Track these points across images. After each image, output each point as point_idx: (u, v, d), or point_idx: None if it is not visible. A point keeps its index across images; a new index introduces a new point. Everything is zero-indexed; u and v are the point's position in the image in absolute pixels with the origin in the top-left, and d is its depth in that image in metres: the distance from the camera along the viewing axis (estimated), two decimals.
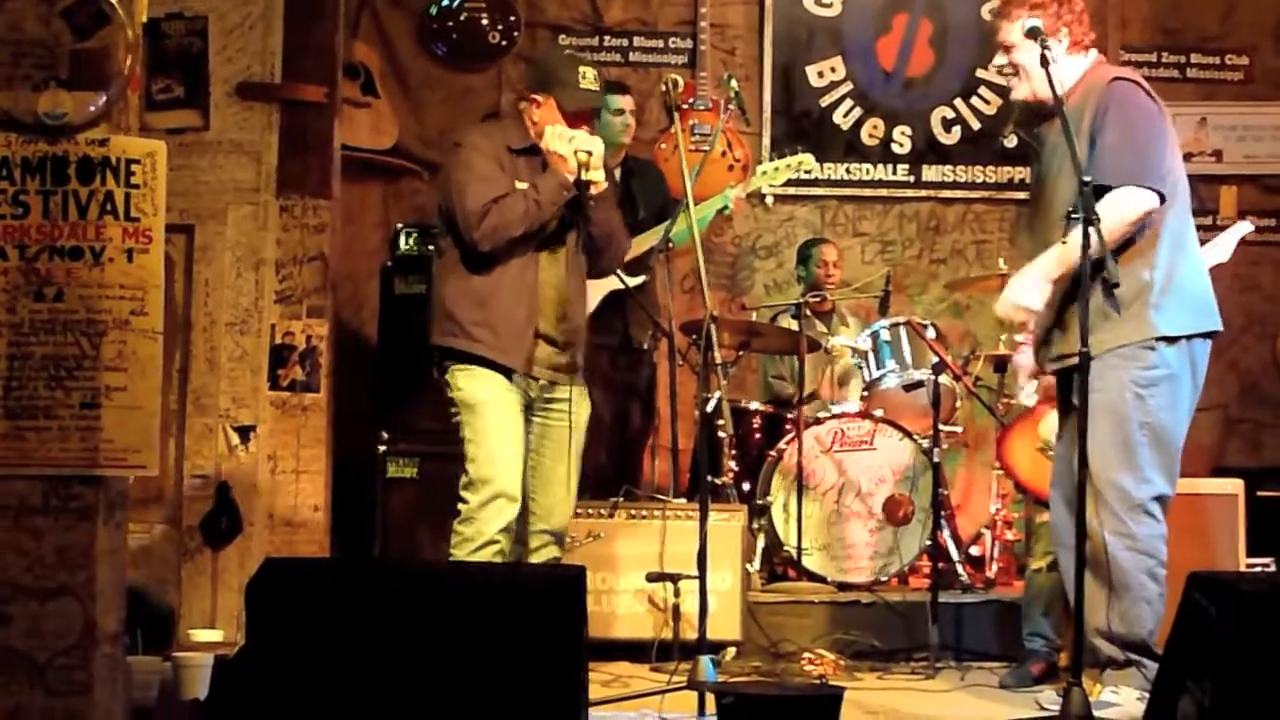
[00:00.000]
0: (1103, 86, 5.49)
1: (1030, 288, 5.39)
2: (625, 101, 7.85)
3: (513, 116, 6.19)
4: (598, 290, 7.15)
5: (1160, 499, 5.44)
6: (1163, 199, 5.36)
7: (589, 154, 5.75)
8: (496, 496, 5.74)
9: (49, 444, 4.44)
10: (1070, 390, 5.59)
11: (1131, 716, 5.19)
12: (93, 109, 4.48)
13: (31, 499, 4.44)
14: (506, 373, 5.83)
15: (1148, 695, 5.21)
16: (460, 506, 5.81)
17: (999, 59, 5.76)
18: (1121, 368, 5.36)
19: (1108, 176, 5.26)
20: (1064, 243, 5.24)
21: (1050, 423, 6.10)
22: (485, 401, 5.81)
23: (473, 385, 5.84)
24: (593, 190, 5.80)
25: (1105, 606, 5.30)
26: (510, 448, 5.82)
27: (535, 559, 5.95)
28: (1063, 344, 5.55)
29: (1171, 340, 5.43)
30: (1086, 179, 5.01)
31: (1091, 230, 4.97)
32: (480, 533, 5.73)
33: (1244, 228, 6.98)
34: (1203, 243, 5.95)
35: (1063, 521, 5.59)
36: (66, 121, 4.47)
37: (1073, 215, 5.06)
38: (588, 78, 5.93)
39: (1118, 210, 5.27)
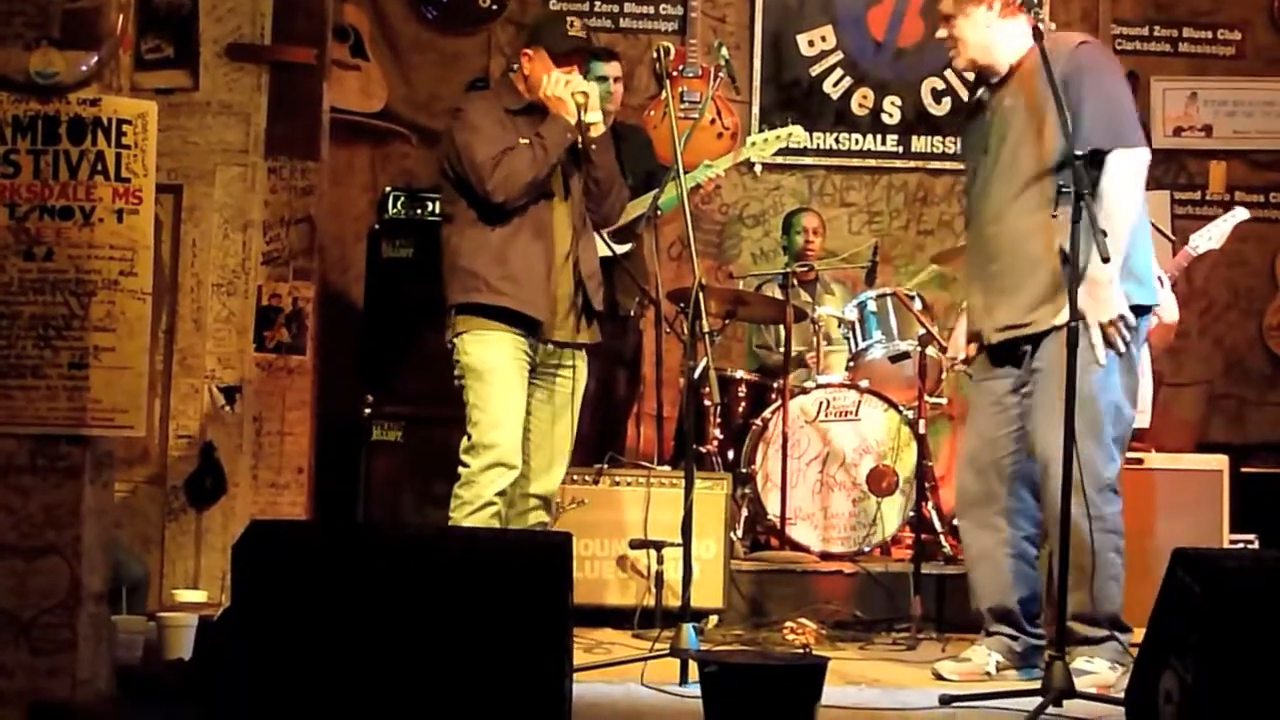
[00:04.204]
0: (1069, 50, 5.46)
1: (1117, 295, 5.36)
2: (611, 69, 7.81)
3: (505, 82, 6.25)
4: None
5: (1118, 473, 5.50)
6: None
7: (585, 95, 5.93)
8: (497, 463, 5.82)
9: (37, 403, 4.44)
10: (1009, 361, 5.61)
11: (1106, 683, 5.23)
12: (84, 69, 4.48)
13: (19, 458, 4.46)
14: (530, 326, 5.90)
15: (1119, 664, 5.31)
16: (461, 470, 5.88)
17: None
18: (1083, 345, 5.34)
19: (1096, 140, 5.25)
20: (1055, 216, 5.22)
21: None
22: (494, 368, 5.87)
23: (482, 351, 5.89)
24: (592, 132, 5.96)
25: (1078, 589, 5.32)
26: (513, 415, 5.89)
27: (522, 523, 6.00)
28: (1009, 312, 5.54)
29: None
30: (1079, 153, 4.99)
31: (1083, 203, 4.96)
32: (479, 496, 5.81)
33: (1240, 215, 6.99)
34: (1195, 220, 5.93)
35: (975, 494, 5.72)
36: (58, 81, 4.47)
37: (1064, 189, 5.03)
38: (575, 26, 6.10)
39: (1127, 177, 5.31)
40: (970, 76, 5.83)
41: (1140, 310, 5.49)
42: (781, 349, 7.81)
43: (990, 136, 5.63)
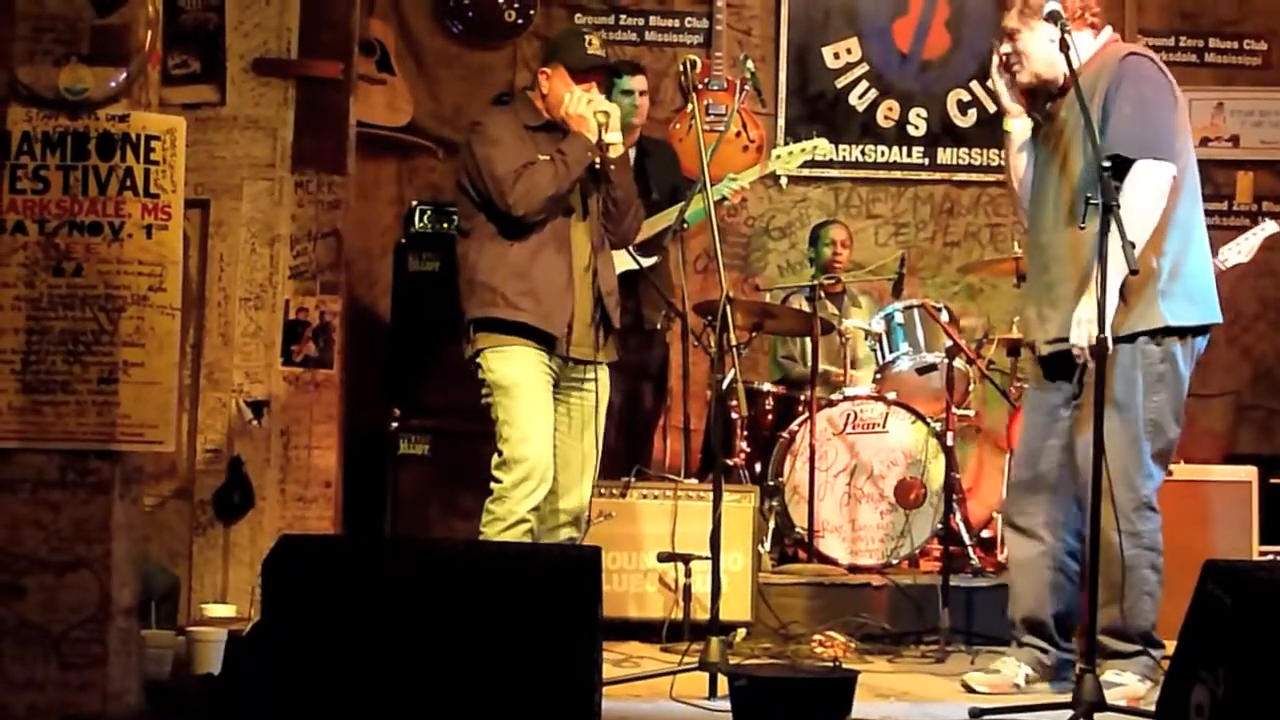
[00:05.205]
0: (1116, 62, 5.47)
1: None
2: (636, 82, 7.82)
3: (523, 99, 6.25)
4: None
5: (1157, 489, 5.47)
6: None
7: (606, 114, 5.93)
8: (528, 477, 5.81)
9: (66, 418, 4.46)
10: (1062, 374, 5.59)
11: (1135, 696, 5.23)
12: (113, 85, 4.49)
13: (48, 473, 4.47)
14: (547, 341, 5.90)
15: (1149, 678, 5.30)
16: (493, 486, 5.87)
17: (1004, 47, 5.71)
18: (1129, 361, 5.34)
19: (1121, 147, 5.24)
20: (1082, 227, 5.20)
21: None
22: (518, 383, 5.87)
23: (506, 366, 5.89)
24: (611, 152, 5.96)
25: (1110, 604, 5.32)
26: (542, 428, 5.89)
27: (552, 538, 5.99)
28: (1059, 325, 5.50)
29: (1179, 333, 5.42)
30: (1106, 164, 4.97)
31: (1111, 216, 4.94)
32: (511, 512, 5.80)
33: (1269, 228, 6.95)
34: (1221, 231, 5.89)
35: (1021, 503, 5.73)
36: (87, 97, 4.48)
37: (1091, 200, 5.02)
38: (593, 44, 6.09)
39: (1147, 188, 5.27)
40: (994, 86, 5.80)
41: (1194, 331, 5.49)
42: (809, 361, 7.81)
43: (1049, 147, 5.63)
